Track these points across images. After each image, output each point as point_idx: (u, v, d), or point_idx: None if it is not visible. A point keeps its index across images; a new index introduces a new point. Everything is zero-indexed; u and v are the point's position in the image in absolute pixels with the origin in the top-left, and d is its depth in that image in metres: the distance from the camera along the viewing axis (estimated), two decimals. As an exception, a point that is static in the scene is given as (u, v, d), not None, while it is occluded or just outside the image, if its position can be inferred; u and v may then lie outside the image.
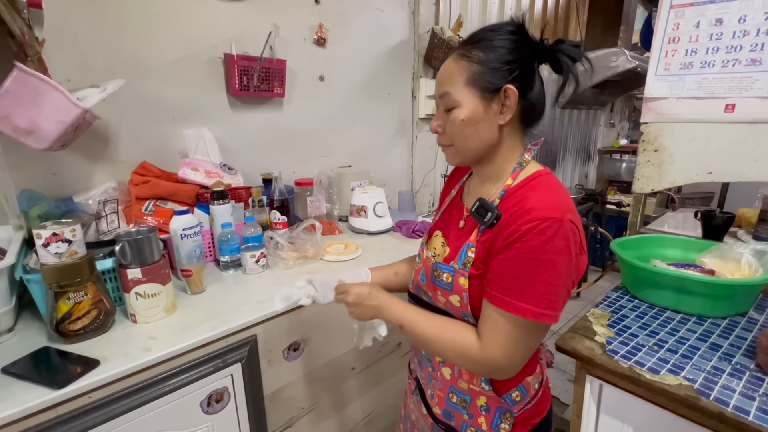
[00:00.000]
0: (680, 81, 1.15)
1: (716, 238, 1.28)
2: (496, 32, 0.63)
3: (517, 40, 0.62)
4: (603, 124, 4.06)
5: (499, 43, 0.62)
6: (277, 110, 1.50)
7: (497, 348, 0.61)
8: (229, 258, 1.11)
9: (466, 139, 0.65)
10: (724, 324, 0.95)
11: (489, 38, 0.62)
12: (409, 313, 0.70)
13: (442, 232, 0.76)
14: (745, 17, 1.03)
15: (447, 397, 0.76)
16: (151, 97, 1.20)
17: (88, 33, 1.06)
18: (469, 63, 0.62)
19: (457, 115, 0.63)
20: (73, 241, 0.75)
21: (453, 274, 0.67)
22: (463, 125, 0.63)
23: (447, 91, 0.63)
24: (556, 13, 2.97)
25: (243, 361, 0.86)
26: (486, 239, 0.64)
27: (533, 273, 0.57)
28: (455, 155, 0.68)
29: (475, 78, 0.61)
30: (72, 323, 0.76)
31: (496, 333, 0.61)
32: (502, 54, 0.61)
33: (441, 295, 0.71)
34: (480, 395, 0.72)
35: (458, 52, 0.64)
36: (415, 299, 0.80)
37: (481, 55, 0.61)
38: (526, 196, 0.62)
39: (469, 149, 0.66)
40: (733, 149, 1.10)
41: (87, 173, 1.12)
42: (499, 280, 0.60)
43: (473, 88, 0.62)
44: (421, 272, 0.76)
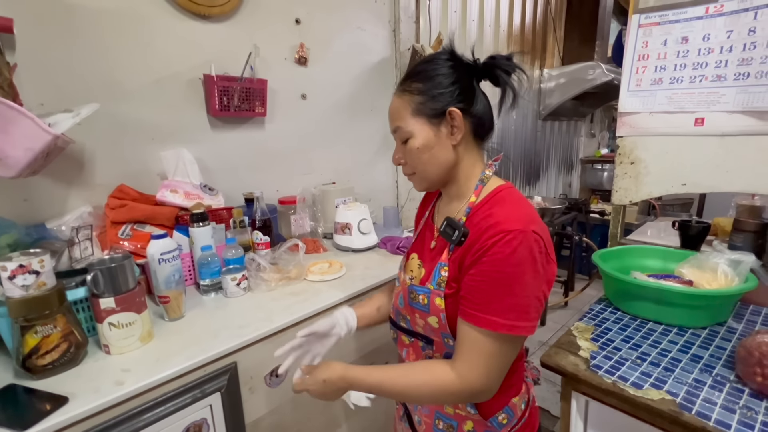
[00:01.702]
0: (651, 96, 1.19)
1: (693, 247, 1.31)
2: (431, 63, 0.68)
3: (452, 65, 0.67)
4: (584, 135, 4.17)
5: (434, 72, 0.66)
6: (259, 129, 1.50)
7: (475, 370, 0.61)
8: (210, 281, 1.09)
9: (425, 165, 0.68)
10: (704, 334, 0.96)
11: (425, 70, 0.67)
12: (372, 378, 0.68)
13: (417, 254, 0.77)
14: (709, 35, 1.07)
15: (434, 424, 0.75)
16: (128, 119, 1.18)
17: (62, 56, 1.05)
18: (411, 95, 0.66)
19: (412, 144, 0.67)
20: (41, 272, 0.72)
21: (428, 295, 0.67)
22: (420, 152, 0.67)
23: (398, 126, 0.68)
24: (534, 29, 3.06)
25: (222, 390, 0.83)
26: (456, 257, 0.64)
27: (501, 285, 0.58)
28: (421, 181, 0.71)
29: (419, 108, 0.66)
30: (40, 358, 0.73)
31: (472, 353, 0.61)
32: (440, 81, 0.66)
33: (419, 317, 0.70)
34: (466, 420, 0.72)
35: (400, 88, 0.68)
36: (395, 325, 0.80)
37: (420, 86, 0.66)
38: (490, 211, 0.63)
39: (431, 173, 0.69)
40: (704, 161, 1.13)
41: (61, 198, 1.09)
42: (471, 296, 0.60)
43: (420, 117, 0.66)
44: (399, 296, 0.76)
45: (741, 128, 1.06)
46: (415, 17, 1.97)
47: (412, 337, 0.76)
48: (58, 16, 1.03)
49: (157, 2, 1.19)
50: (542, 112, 3.33)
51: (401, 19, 1.90)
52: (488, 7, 2.51)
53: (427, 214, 0.82)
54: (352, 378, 0.68)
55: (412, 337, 0.76)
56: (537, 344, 2.44)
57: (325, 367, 0.70)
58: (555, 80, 3.25)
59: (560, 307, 2.94)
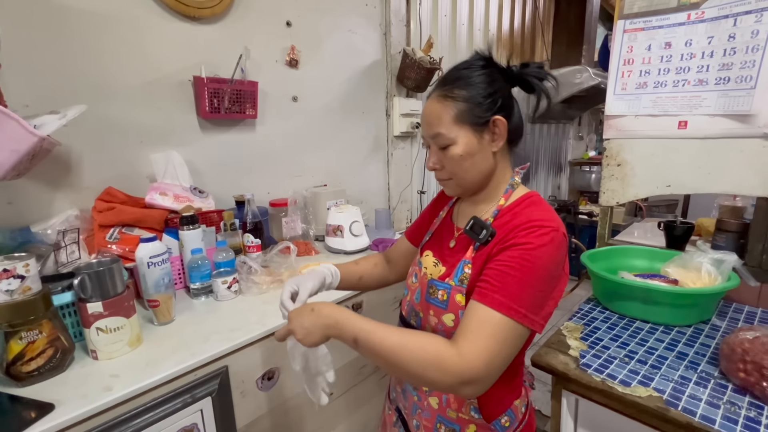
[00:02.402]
0: (637, 100, 1.22)
1: (678, 247, 1.34)
2: (470, 69, 0.67)
3: (490, 72, 0.67)
4: (572, 137, 4.23)
5: (476, 79, 0.65)
6: (250, 131, 1.49)
7: (477, 351, 0.56)
8: (200, 285, 1.08)
9: (466, 172, 0.67)
10: (689, 332, 0.98)
11: (466, 76, 0.66)
12: (364, 322, 0.62)
13: (433, 252, 0.77)
14: (691, 41, 1.10)
15: (435, 428, 0.74)
16: (116, 121, 1.16)
17: (48, 57, 1.03)
18: (453, 102, 0.65)
19: (454, 151, 0.66)
20: (27, 276, 0.71)
21: (449, 291, 0.67)
22: (462, 160, 0.66)
23: (439, 132, 0.66)
24: (522, 33, 3.10)
25: (213, 395, 0.82)
26: (481, 254, 0.65)
27: (525, 274, 0.58)
28: (456, 187, 0.71)
29: (462, 115, 0.64)
30: (25, 364, 0.71)
31: (479, 333, 0.57)
32: (483, 88, 0.65)
33: (433, 314, 0.70)
34: (469, 424, 0.71)
35: (439, 93, 0.66)
36: (404, 323, 0.80)
37: (464, 93, 0.64)
38: (522, 211, 0.65)
39: (469, 180, 0.69)
40: (688, 163, 1.16)
41: (47, 201, 1.07)
42: (491, 278, 0.59)
43: (463, 124, 0.65)
44: (416, 291, 0.75)
45: (722, 131, 1.09)
46: (405, 20, 1.99)
47: None
48: (44, 16, 1.01)
49: (146, 3, 1.18)
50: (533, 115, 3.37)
51: (392, 22, 1.91)
52: (477, 11, 2.54)
53: (442, 214, 0.83)
54: (342, 315, 0.63)
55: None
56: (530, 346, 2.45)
57: (307, 311, 0.66)
58: (543, 84, 3.29)
59: (550, 307, 2.97)
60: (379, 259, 0.96)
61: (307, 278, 0.78)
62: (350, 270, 0.89)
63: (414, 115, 2.04)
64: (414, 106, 2.03)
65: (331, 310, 0.65)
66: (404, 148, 2.12)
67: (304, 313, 0.66)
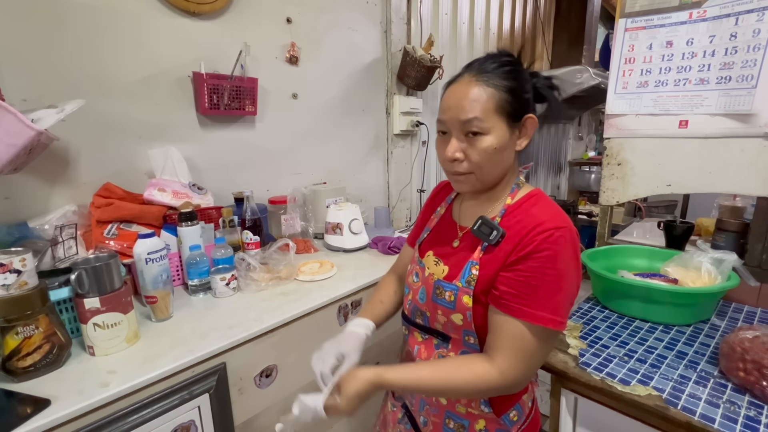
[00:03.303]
0: (637, 99, 1.21)
1: (678, 246, 1.34)
2: (514, 64, 0.64)
3: (524, 70, 0.65)
4: (572, 137, 4.22)
5: (523, 74, 0.64)
6: (249, 128, 1.49)
7: (516, 367, 0.61)
8: (198, 281, 1.07)
9: (493, 167, 0.64)
10: (688, 331, 0.98)
11: (512, 68, 0.63)
12: (407, 380, 0.65)
13: (434, 251, 0.75)
14: (692, 40, 1.10)
15: (444, 423, 0.74)
16: (115, 117, 1.16)
17: (47, 51, 1.02)
18: (496, 90, 0.61)
19: (488, 143, 0.62)
20: (23, 271, 0.70)
21: (456, 292, 0.66)
22: (494, 153, 0.62)
23: (475, 117, 0.61)
24: (523, 32, 3.10)
25: (211, 392, 0.82)
26: (491, 257, 0.64)
27: (552, 281, 0.59)
28: (475, 183, 0.67)
29: (503, 105, 0.62)
30: (21, 360, 0.71)
31: (515, 349, 0.60)
32: (524, 84, 0.64)
33: (441, 314, 0.69)
34: (479, 419, 0.71)
35: (479, 78, 0.62)
36: (408, 321, 0.79)
37: (508, 84, 0.62)
38: (530, 211, 0.64)
39: (492, 176, 0.66)
40: (688, 163, 1.16)
41: (44, 196, 1.06)
42: (518, 291, 0.60)
43: (501, 116, 0.62)
44: (420, 291, 0.74)
45: (723, 130, 1.09)
46: (406, 19, 1.98)
47: (427, 335, 0.75)
48: (43, 9, 1.01)
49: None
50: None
51: (392, 20, 1.91)
52: (478, 10, 2.53)
53: (441, 210, 0.81)
54: (385, 383, 0.64)
55: (427, 334, 0.75)
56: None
57: (354, 380, 0.64)
58: (544, 83, 3.29)
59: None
60: (393, 283, 0.90)
61: (351, 348, 0.71)
62: (382, 314, 0.84)
63: (414, 114, 2.04)
64: (414, 104, 2.02)
65: (372, 383, 0.63)
66: (404, 146, 2.11)
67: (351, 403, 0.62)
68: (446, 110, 0.64)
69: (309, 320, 1.02)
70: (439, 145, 0.69)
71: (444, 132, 0.67)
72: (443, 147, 0.66)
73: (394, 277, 0.92)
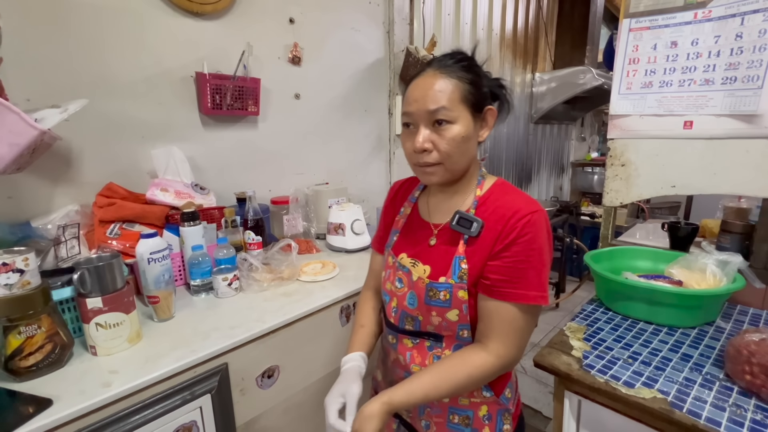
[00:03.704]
0: (642, 99, 1.21)
1: (682, 248, 1.33)
2: (473, 60, 0.69)
3: (480, 67, 0.70)
4: (574, 138, 4.22)
5: (481, 70, 0.69)
6: (252, 128, 1.49)
7: (511, 347, 0.65)
8: (200, 281, 1.07)
9: (460, 156, 0.67)
10: (693, 334, 0.97)
11: (471, 61, 0.68)
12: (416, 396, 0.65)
13: (407, 252, 0.75)
14: (697, 40, 1.09)
15: (448, 421, 0.75)
16: (118, 116, 1.16)
17: (50, 51, 1.03)
18: (460, 81, 0.65)
19: (455, 132, 0.64)
20: (26, 270, 0.70)
21: (450, 289, 0.67)
22: (462, 141, 0.65)
23: (443, 107, 0.63)
24: (525, 33, 3.09)
25: (213, 392, 0.81)
26: (474, 248, 0.67)
27: (536, 261, 0.63)
28: (443, 174, 0.68)
29: (466, 96, 0.65)
30: (23, 359, 0.71)
31: (508, 332, 0.65)
32: (485, 77, 0.68)
33: (436, 315, 0.69)
34: (481, 405, 0.73)
35: (447, 71, 0.65)
36: (396, 329, 0.78)
37: (470, 76, 0.66)
38: (502, 200, 0.68)
39: (459, 165, 0.68)
40: (693, 164, 1.15)
41: (47, 196, 1.06)
42: (508, 276, 0.63)
43: (466, 106, 0.65)
44: (408, 296, 0.73)
45: (728, 131, 1.08)
46: (409, 19, 1.98)
47: (418, 339, 0.75)
48: (46, 9, 1.01)
49: (149, -2, 1.17)
50: (534, 115, 3.36)
51: (395, 20, 1.90)
52: (481, 10, 2.53)
53: (406, 211, 0.81)
54: (396, 407, 0.64)
55: (418, 338, 0.75)
56: (529, 345, 2.43)
57: (367, 421, 0.62)
58: (546, 84, 3.29)
59: (551, 308, 2.96)
60: (371, 299, 0.88)
61: (351, 387, 0.70)
62: (369, 340, 0.81)
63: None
64: (416, 104, 2.02)
65: (386, 412, 0.63)
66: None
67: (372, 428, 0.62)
68: (412, 102, 0.66)
69: (311, 321, 1.01)
70: (405, 138, 0.69)
71: (409, 125, 0.68)
72: (410, 140, 0.67)
73: (369, 293, 0.89)
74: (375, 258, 0.90)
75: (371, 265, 0.91)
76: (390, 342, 0.81)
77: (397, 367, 0.80)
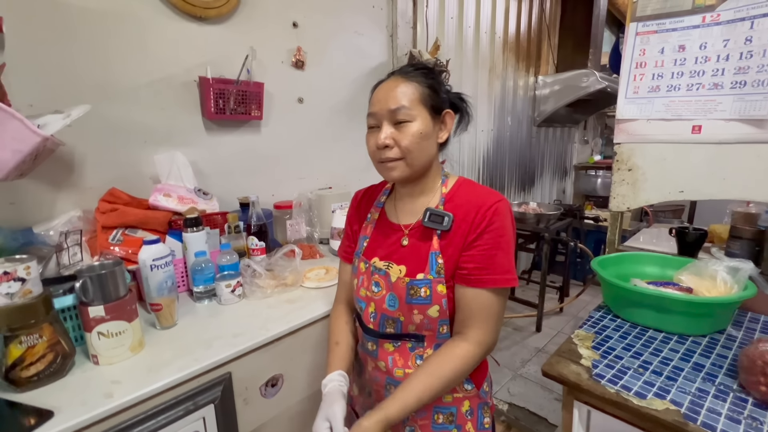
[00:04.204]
0: (649, 103, 1.19)
1: (690, 254, 1.31)
2: (432, 70, 0.75)
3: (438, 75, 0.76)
4: (577, 141, 4.20)
5: (437, 76, 0.75)
6: (255, 133, 1.48)
7: (489, 332, 0.70)
8: (203, 288, 1.06)
9: (420, 152, 0.71)
10: (704, 342, 0.95)
11: (430, 72, 0.74)
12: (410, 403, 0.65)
13: (379, 256, 0.77)
14: (706, 44, 1.08)
15: (432, 421, 0.76)
16: (120, 121, 1.15)
17: (53, 56, 1.02)
18: (419, 85, 0.71)
19: (414, 128, 0.69)
20: (27, 279, 0.69)
21: (430, 285, 0.70)
22: (421, 138, 0.70)
23: (403, 105, 0.69)
24: (528, 36, 3.09)
25: (216, 402, 0.80)
26: (447, 242, 0.71)
27: (505, 247, 0.69)
28: (404, 169, 0.72)
29: (425, 98, 0.71)
30: (24, 369, 0.70)
31: (485, 317, 0.69)
32: (442, 84, 0.75)
33: (417, 313, 0.72)
34: (463, 401, 0.76)
35: (405, 75, 0.72)
36: (375, 334, 0.77)
37: (429, 81, 0.72)
38: (468, 195, 0.73)
39: (420, 162, 0.72)
40: (701, 169, 1.14)
41: (49, 202, 1.06)
42: (483, 264, 0.68)
43: (424, 107, 0.71)
44: (387, 298, 0.74)
45: (738, 136, 1.07)
46: (412, 23, 1.97)
47: (399, 341, 0.76)
48: (49, 15, 1.01)
49: (153, 3, 1.17)
50: (537, 118, 3.35)
51: (398, 24, 1.90)
52: (484, 14, 2.52)
53: (373, 216, 0.83)
54: (393, 420, 0.65)
55: (399, 340, 0.75)
56: (533, 351, 2.43)
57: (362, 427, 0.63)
58: (549, 87, 3.28)
59: (555, 313, 2.94)
60: (344, 314, 0.88)
61: (332, 408, 0.69)
62: (347, 356, 0.81)
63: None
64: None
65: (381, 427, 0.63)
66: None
67: None
68: (376, 104, 0.72)
69: (315, 328, 1.00)
70: (369, 138, 0.74)
71: (372, 126, 0.74)
72: (373, 138, 0.73)
73: (341, 307, 0.88)
74: (344, 268, 0.89)
75: (341, 276, 0.90)
76: (369, 350, 0.80)
77: (377, 374, 0.79)
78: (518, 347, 2.46)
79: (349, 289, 0.86)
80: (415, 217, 0.76)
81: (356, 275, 0.81)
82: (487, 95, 2.70)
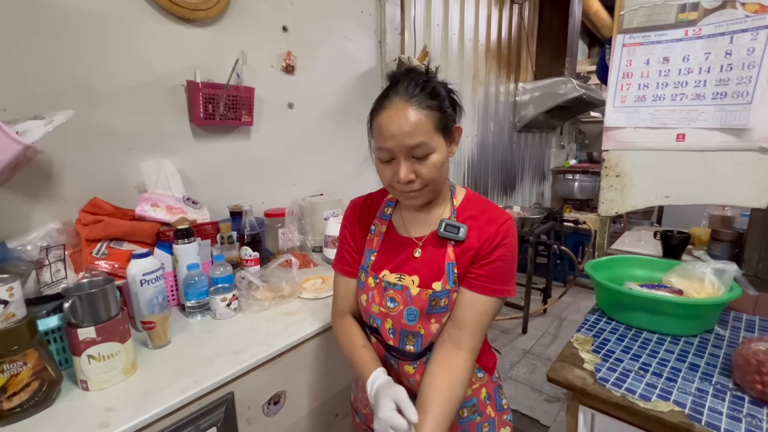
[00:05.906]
0: (635, 112, 1.24)
1: (674, 256, 1.37)
2: (431, 81, 0.68)
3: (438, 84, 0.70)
4: (554, 146, 4.34)
5: (439, 89, 0.68)
6: (245, 139, 1.43)
7: (480, 338, 0.73)
8: (196, 302, 1.01)
9: (441, 177, 0.71)
10: (696, 342, 0.99)
11: (433, 87, 0.67)
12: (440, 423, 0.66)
13: (389, 269, 0.76)
14: (689, 56, 1.13)
15: (459, 417, 0.78)
16: (103, 127, 1.09)
17: (30, 57, 0.95)
18: (431, 111, 0.66)
19: (435, 159, 0.67)
20: (10, 301, 0.63)
21: (448, 295, 0.72)
22: (441, 167, 0.69)
23: (423, 142, 0.65)
24: (509, 43, 3.17)
25: (219, 425, 0.76)
26: (460, 252, 0.72)
27: (512, 261, 0.73)
28: (428, 196, 0.72)
29: (439, 124, 0.67)
30: (6, 400, 0.64)
31: (478, 324, 0.71)
32: (445, 98, 0.69)
33: (434, 322, 0.73)
34: (481, 389, 0.80)
35: (414, 102, 0.65)
36: (396, 351, 0.77)
37: (436, 103, 0.67)
38: (477, 206, 0.75)
39: (440, 186, 0.73)
40: (686, 175, 1.19)
41: (24, 213, 0.98)
42: (492, 274, 0.71)
43: (439, 133, 0.68)
44: (406, 313, 0.73)
45: (719, 144, 1.12)
46: (400, 29, 1.98)
47: (417, 360, 0.76)
48: (25, 13, 0.94)
49: (138, 3, 1.11)
50: (518, 123, 3.43)
51: (387, 30, 1.90)
52: (468, 22, 2.57)
53: (375, 229, 0.80)
54: None
55: (417, 360, 0.76)
56: (521, 353, 2.47)
57: None
58: (529, 93, 3.37)
59: (539, 314, 3.00)
60: (357, 322, 0.84)
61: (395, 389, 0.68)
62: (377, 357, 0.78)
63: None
64: (408, 114, 2.01)
65: None
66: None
67: None
68: (390, 138, 0.65)
69: (318, 341, 0.97)
70: (383, 169, 0.70)
71: (385, 160, 0.68)
72: (390, 171, 0.68)
73: (350, 317, 0.84)
74: (342, 281, 0.83)
75: (339, 291, 0.84)
76: (392, 364, 0.80)
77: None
78: (506, 350, 2.50)
79: (352, 301, 0.83)
80: (427, 228, 0.76)
81: (364, 291, 0.78)
82: (472, 101, 2.75)
